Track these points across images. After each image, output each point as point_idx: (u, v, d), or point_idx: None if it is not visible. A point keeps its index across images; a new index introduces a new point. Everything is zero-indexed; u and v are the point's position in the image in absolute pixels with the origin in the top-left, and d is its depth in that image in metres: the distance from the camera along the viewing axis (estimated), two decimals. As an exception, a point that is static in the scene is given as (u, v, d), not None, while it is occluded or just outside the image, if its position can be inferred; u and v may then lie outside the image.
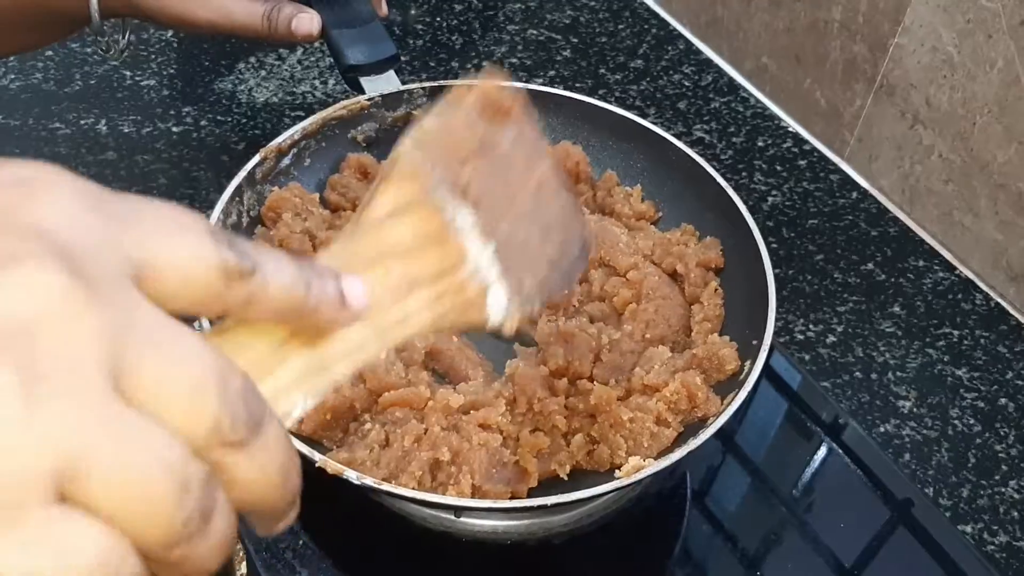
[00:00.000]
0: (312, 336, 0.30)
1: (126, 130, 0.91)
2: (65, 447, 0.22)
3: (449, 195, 0.37)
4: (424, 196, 0.37)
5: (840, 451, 0.69)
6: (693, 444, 0.54)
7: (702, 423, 0.57)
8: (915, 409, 0.76)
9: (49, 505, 0.22)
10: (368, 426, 0.58)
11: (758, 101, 1.04)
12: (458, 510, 0.57)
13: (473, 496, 0.53)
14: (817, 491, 0.68)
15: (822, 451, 0.69)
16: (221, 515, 0.25)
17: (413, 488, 0.52)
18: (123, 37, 0.77)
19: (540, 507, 0.52)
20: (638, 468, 0.53)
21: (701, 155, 0.72)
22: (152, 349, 0.24)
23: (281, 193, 0.68)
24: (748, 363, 0.60)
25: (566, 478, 0.56)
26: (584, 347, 0.62)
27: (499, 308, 0.38)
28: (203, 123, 0.93)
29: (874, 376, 0.79)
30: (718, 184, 0.70)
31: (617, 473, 0.54)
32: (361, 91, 0.73)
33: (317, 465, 0.51)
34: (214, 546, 0.25)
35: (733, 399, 0.56)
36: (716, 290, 0.67)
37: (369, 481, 0.51)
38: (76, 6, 0.69)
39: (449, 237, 0.36)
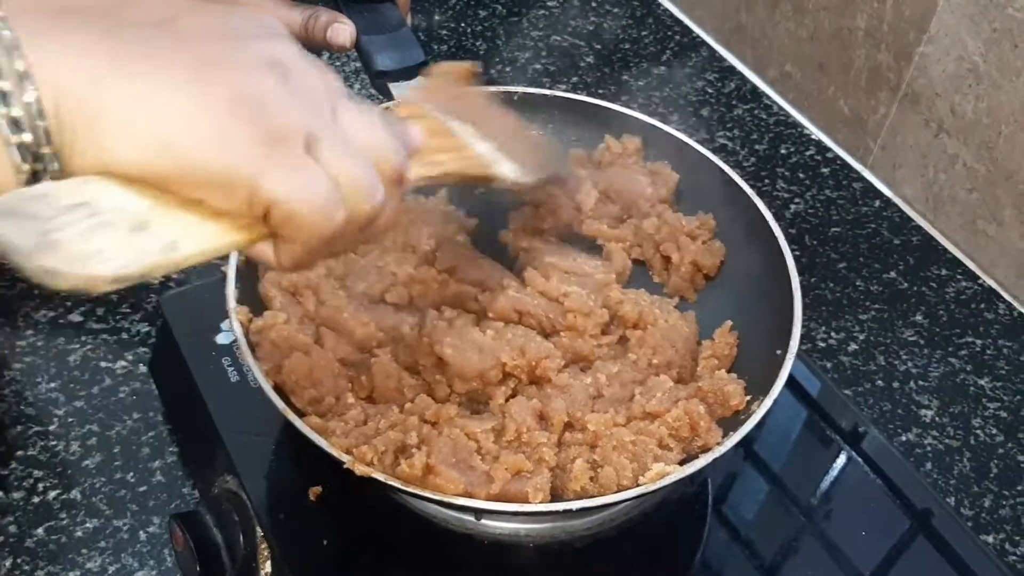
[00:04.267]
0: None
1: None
2: (308, 124, 0.38)
3: (443, 115, 0.52)
4: (424, 113, 0.51)
5: (860, 460, 0.69)
6: (718, 451, 0.54)
7: (736, 426, 0.57)
8: (937, 418, 0.76)
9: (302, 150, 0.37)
10: (351, 400, 0.59)
11: (781, 108, 1.04)
12: (478, 512, 0.57)
13: (425, 479, 0.53)
14: (837, 499, 0.68)
15: (842, 459, 0.69)
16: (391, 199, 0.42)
17: (372, 462, 0.53)
18: None
19: (564, 511, 0.52)
20: (661, 475, 0.53)
21: (724, 162, 0.72)
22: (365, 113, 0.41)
23: None
24: (780, 351, 0.59)
25: (538, 503, 0.54)
26: (583, 396, 0.61)
27: (511, 169, 0.54)
28: (230, 126, 0.94)
29: (896, 385, 0.79)
30: (745, 194, 0.70)
31: (640, 479, 0.54)
32: (389, 96, 0.74)
33: (345, 466, 0.51)
34: (389, 216, 0.42)
35: (765, 398, 0.56)
36: (730, 329, 0.66)
37: (395, 483, 0.51)
38: None
39: (452, 134, 0.51)
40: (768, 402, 0.56)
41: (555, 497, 0.55)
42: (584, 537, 0.61)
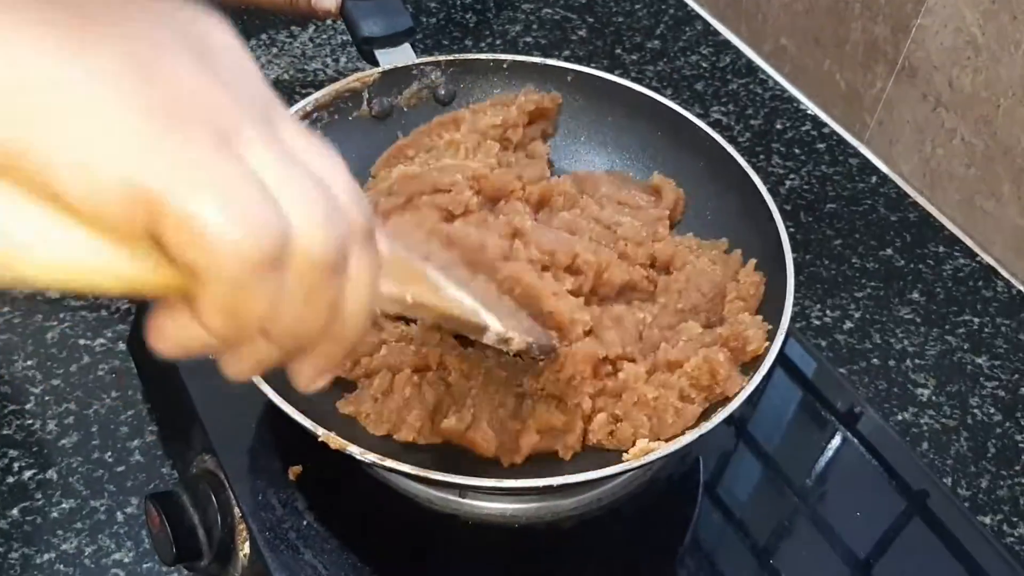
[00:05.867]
0: None
1: (135, 106, 0.90)
2: (231, 110, 0.28)
3: (414, 255, 0.42)
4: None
5: (855, 440, 0.68)
6: (703, 428, 0.53)
7: (724, 402, 0.56)
8: (934, 397, 0.75)
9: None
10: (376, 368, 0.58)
11: (777, 83, 1.02)
12: (463, 489, 0.56)
13: (464, 434, 0.54)
14: (831, 480, 0.67)
15: (837, 439, 0.68)
16: (357, 265, 0.31)
17: (413, 439, 0.53)
18: None
19: (546, 488, 0.51)
20: (646, 451, 0.52)
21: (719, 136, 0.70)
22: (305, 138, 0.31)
23: None
24: (772, 326, 0.58)
25: (567, 459, 0.55)
26: (634, 331, 0.61)
27: (495, 323, 0.46)
28: (213, 100, 0.92)
29: (892, 363, 0.77)
30: (740, 166, 0.68)
31: (624, 456, 0.53)
32: (376, 64, 0.72)
33: (320, 439, 0.50)
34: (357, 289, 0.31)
35: (746, 384, 0.55)
36: (755, 269, 0.64)
37: (372, 457, 0.50)
38: None
39: (423, 275, 0.41)
40: (757, 378, 0.55)
41: (549, 460, 0.55)
42: (571, 517, 0.59)
